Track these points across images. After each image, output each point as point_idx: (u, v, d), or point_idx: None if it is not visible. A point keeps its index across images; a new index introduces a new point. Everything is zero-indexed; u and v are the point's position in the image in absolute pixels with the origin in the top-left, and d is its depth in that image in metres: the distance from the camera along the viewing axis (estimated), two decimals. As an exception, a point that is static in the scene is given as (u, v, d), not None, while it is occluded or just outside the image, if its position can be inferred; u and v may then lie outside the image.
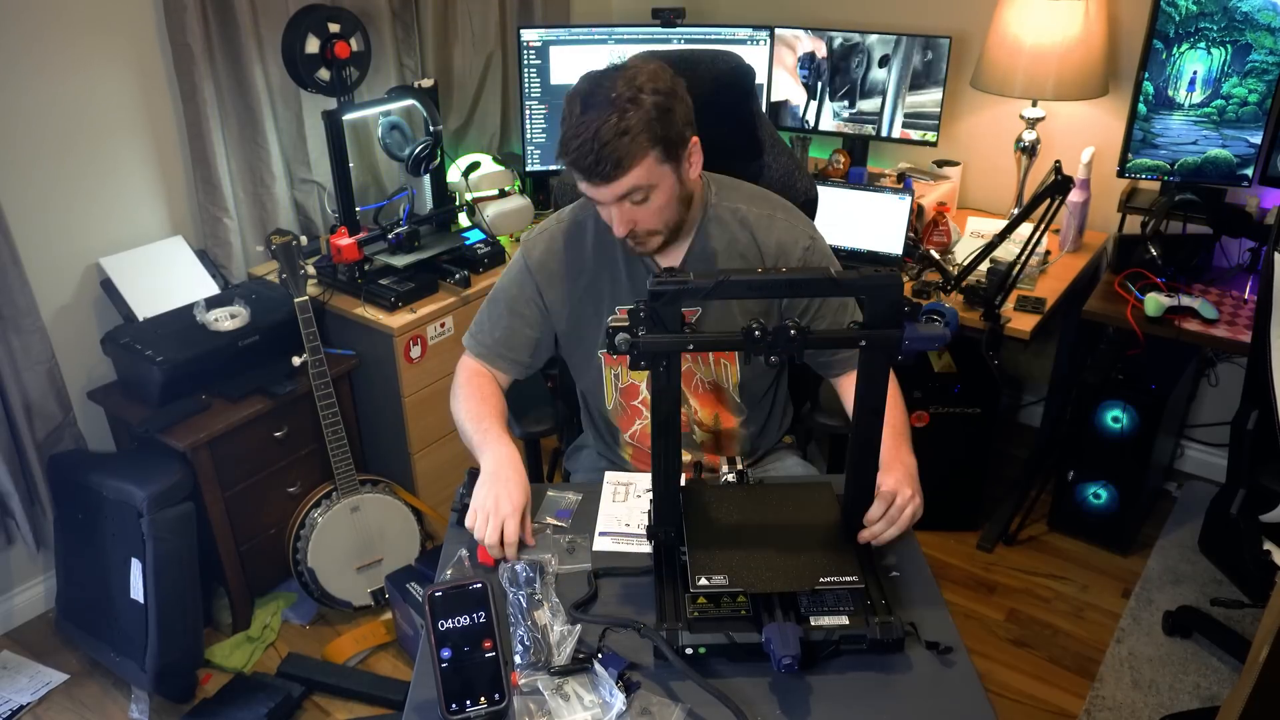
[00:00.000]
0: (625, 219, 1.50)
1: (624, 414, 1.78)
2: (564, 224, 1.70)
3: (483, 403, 1.67)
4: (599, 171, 1.43)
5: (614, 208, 1.49)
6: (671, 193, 1.51)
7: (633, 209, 1.49)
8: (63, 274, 2.43)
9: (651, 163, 1.44)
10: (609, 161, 1.41)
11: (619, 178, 1.43)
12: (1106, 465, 2.70)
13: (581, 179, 1.46)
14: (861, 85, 3.02)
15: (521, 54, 2.89)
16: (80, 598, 2.43)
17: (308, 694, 2.37)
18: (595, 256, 1.67)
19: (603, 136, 1.40)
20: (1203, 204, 2.57)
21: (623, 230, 1.51)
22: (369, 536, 2.56)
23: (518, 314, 1.72)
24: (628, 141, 1.41)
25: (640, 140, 1.42)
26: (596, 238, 1.67)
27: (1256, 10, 2.38)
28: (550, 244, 1.69)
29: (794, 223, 1.66)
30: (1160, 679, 2.39)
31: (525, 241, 1.72)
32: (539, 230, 1.72)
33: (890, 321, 1.24)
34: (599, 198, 1.48)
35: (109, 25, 2.35)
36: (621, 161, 1.42)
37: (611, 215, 1.51)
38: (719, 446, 1.79)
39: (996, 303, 2.47)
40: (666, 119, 1.44)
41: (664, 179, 1.48)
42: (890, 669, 1.27)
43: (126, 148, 2.46)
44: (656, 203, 1.49)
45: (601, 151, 1.40)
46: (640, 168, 1.44)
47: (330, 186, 2.71)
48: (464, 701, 1.22)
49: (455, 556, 1.48)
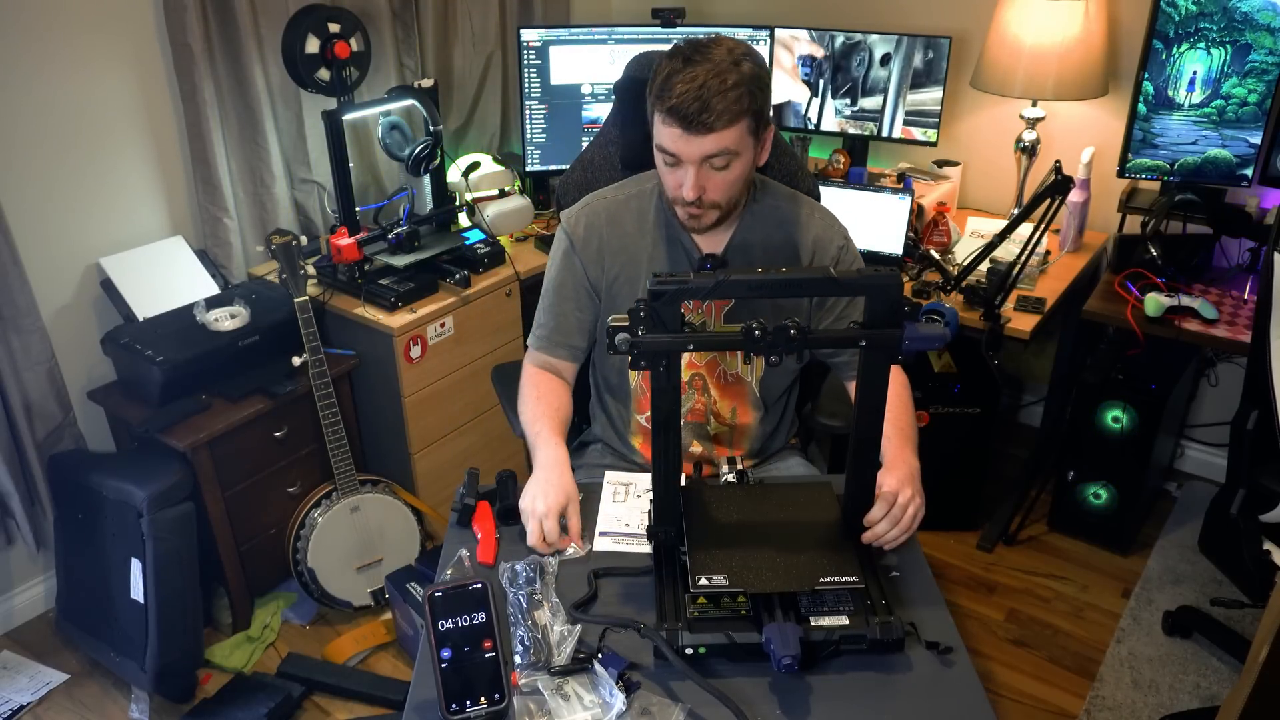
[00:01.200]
0: (699, 182, 1.51)
1: (644, 396, 1.78)
2: (605, 200, 1.71)
3: (538, 402, 1.69)
4: (702, 121, 1.44)
5: (693, 168, 1.50)
6: (747, 167, 1.54)
7: (710, 173, 1.51)
8: (63, 274, 2.43)
9: (744, 129, 1.48)
10: (713, 113, 1.43)
11: (719, 129, 1.45)
12: (1106, 465, 2.70)
13: (678, 127, 1.46)
14: (863, 84, 3.02)
15: (521, 54, 2.89)
16: (80, 598, 2.43)
17: (308, 694, 2.37)
18: (636, 236, 1.68)
19: (711, 88, 1.42)
20: (1203, 204, 2.57)
21: (694, 193, 1.51)
22: (369, 536, 2.56)
23: (566, 298, 1.72)
24: (734, 98, 1.44)
25: (743, 101, 1.45)
26: (639, 217, 1.68)
27: (1256, 10, 2.38)
28: (592, 220, 1.70)
29: (830, 222, 1.70)
30: (1160, 679, 2.39)
31: (566, 219, 1.72)
32: (580, 206, 1.73)
33: (890, 321, 1.24)
34: (687, 152, 1.49)
35: (109, 25, 2.35)
36: (724, 114, 1.44)
37: (687, 177, 1.51)
38: (732, 441, 1.80)
39: (996, 303, 2.47)
40: (762, 92, 1.49)
41: (746, 151, 1.51)
42: (890, 669, 1.27)
43: (126, 148, 2.46)
44: (733, 174, 1.52)
45: (709, 101, 1.43)
46: (736, 129, 1.47)
47: (330, 186, 2.71)
48: (464, 701, 1.22)
49: (455, 556, 1.48)
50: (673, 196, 1.57)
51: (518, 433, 1.88)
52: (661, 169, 1.57)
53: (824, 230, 1.68)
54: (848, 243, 1.70)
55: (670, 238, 1.68)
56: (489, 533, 1.52)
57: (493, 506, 1.56)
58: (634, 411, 1.81)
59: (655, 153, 1.55)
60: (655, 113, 1.49)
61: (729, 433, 1.79)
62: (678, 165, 1.52)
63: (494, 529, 1.53)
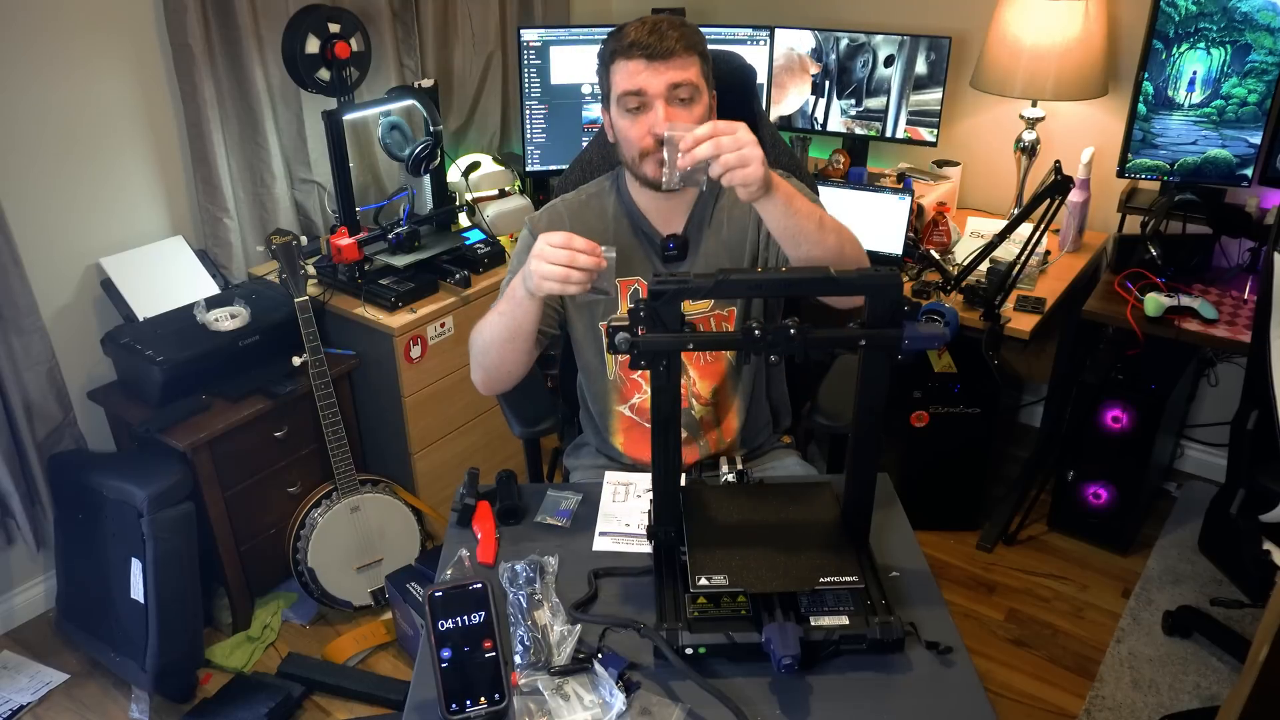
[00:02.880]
0: (669, 115, 1.53)
1: (625, 385, 1.78)
2: (568, 200, 1.76)
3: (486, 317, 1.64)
4: (662, 48, 1.51)
5: (661, 102, 1.53)
6: (705, 113, 1.58)
7: (678, 109, 1.54)
8: (63, 274, 2.43)
9: (699, 67, 1.55)
10: (670, 39, 1.51)
11: (680, 56, 1.52)
12: (1106, 465, 2.70)
13: (640, 58, 1.51)
14: (868, 84, 3.02)
15: (521, 54, 2.89)
16: (80, 598, 2.43)
17: (308, 694, 2.37)
18: (599, 229, 1.70)
19: (662, 25, 1.52)
20: (1202, 204, 2.57)
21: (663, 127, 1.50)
22: (369, 536, 2.56)
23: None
24: (687, 33, 1.53)
25: (693, 37, 1.54)
26: (600, 214, 1.70)
27: (1256, 10, 2.38)
28: (554, 217, 1.73)
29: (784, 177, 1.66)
30: (1160, 679, 2.39)
31: (531, 220, 1.75)
32: (545, 207, 1.78)
33: (890, 321, 1.24)
34: (653, 84, 1.52)
35: (109, 26, 2.35)
36: (681, 41, 1.52)
37: (657, 111, 1.53)
38: (716, 423, 1.79)
39: (996, 303, 2.47)
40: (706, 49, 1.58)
41: (705, 94, 1.57)
42: (890, 669, 1.27)
43: (127, 148, 2.46)
44: (696, 113, 1.56)
45: (665, 32, 1.51)
46: (693, 61, 1.54)
47: (330, 186, 2.71)
48: (464, 701, 1.22)
49: (455, 556, 1.48)
50: (641, 148, 1.57)
51: (517, 433, 1.89)
52: (625, 126, 1.57)
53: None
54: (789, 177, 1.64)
55: (632, 226, 1.70)
56: (489, 533, 1.52)
57: (493, 506, 1.56)
58: (613, 404, 1.80)
59: (617, 113, 1.58)
60: (614, 62, 1.55)
61: (712, 413, 1.78)
62: (643, 108, 1.55)
63: (494, 529, 1.53)
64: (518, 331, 1.58)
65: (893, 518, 1.55)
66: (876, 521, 1.42)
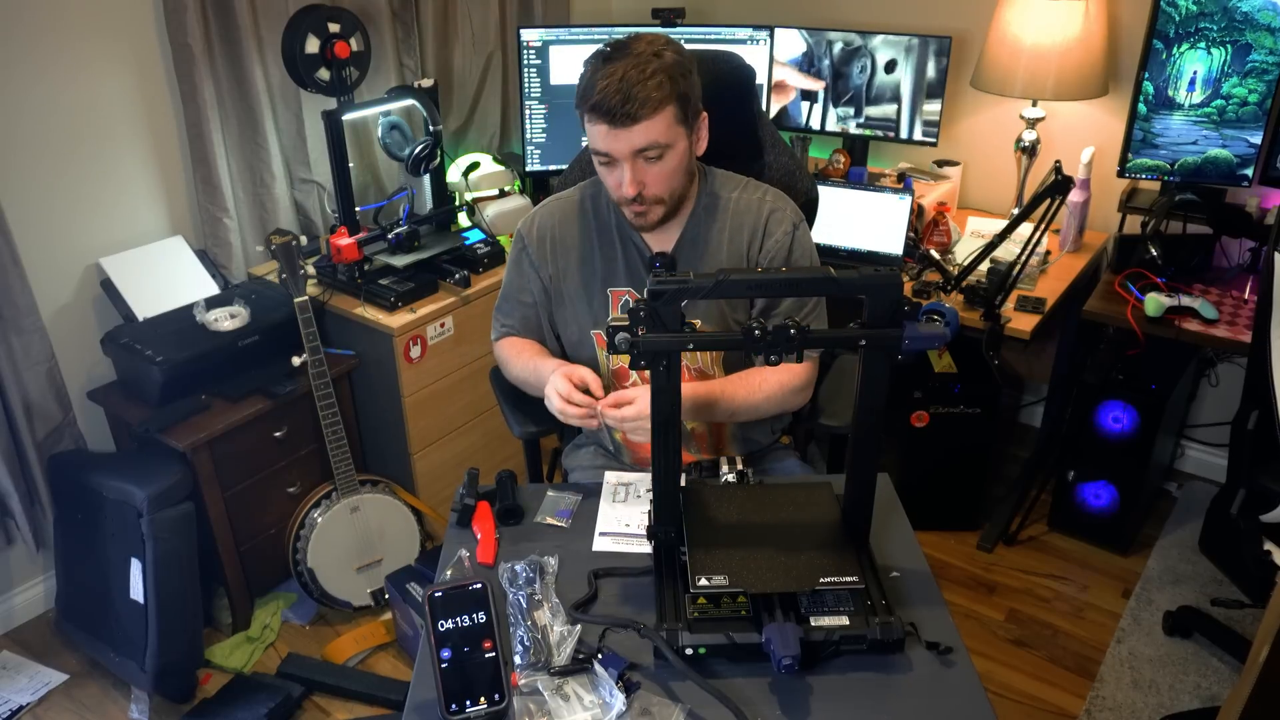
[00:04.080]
0: (637, 178, 1.52)
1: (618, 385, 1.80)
2: (559, 202, 1.76)
3: (518, 354, 1.77)
4: (625, 112, 1.46)
5: (627, 164, 1.51)
6: (682, 158, 1.55)
7: (645, 167, 1.52)
8: (63, 274, 2.43)
9: (670, 117, 1.49)
10: (635, 102, 1.45)
11: (644, 119, 1.47)
12: (1106, 465, 2.70)
13: (604, 123, 1.48)
14: (868, 92, 3.01)
15: (521, 54, 2.88)
16: (80, 598, 2.43)
17: (308, 694, 2.37)
18: (588, 236, 1.71)
19: (630, 79, 1.45)
20: (1203, 204, 2.57)
21: (633, 189, 1.53)
22: (369, 536, 2.56)
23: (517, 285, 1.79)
24: (654, 86, 1.46)
25: (665, 88, 1.47)
26: (593, 218, 1.70)
27: (1256, 10, 2.38)
28: (544, 220, 1.74)
29: (782, 207, 1.69)
30: (1160, 679, 2.39)
31: (522, 224, 1.77)
32: (537, 208, 1.78)
33: (890, 321, 1.24)
34: (617, 149, 1.50)
35: (109, 26, 2.35)
36: (647, 103, 1.46)
37: (623, 175, 1.53)
38: (711, 433, 1.79)
39: (996, 303, 2.47)
40: (686, 78, 1.50)
41: (678, 140, 1.52)
42: (890, 669, 1.27)
43: (127, 148, 2.46)
44: (669, 165, 1.53)
45: (630, 92, 1.44)
46: (662, 117, 1.48)
47: (330, 186, 2.71)
48: (464, 702, 1.22)
49: (455, 556, 1.48)
50: (615, 198, 1.60)
51: (517, 434, 1.89)
52: (600, 171, 1.59)
53: (776, 215, 1.67)
54: (801, 226, 1.69)
55: (622, 237, 1.70)
56: (489, 533, 1.52)
57: (493, 506, 1.56)
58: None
59: (591, 157, 1.57)
60: (583, 115, 1.52)
61: (706, 427, 1.79)
62: (612, 164, 1.54)
63: (494, 529, 1.53)
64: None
65: (893, 518, 1.55)
66: (876, 521, 1.42)
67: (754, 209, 1.68)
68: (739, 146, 1.84)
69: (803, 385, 1.73)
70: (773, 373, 1.70)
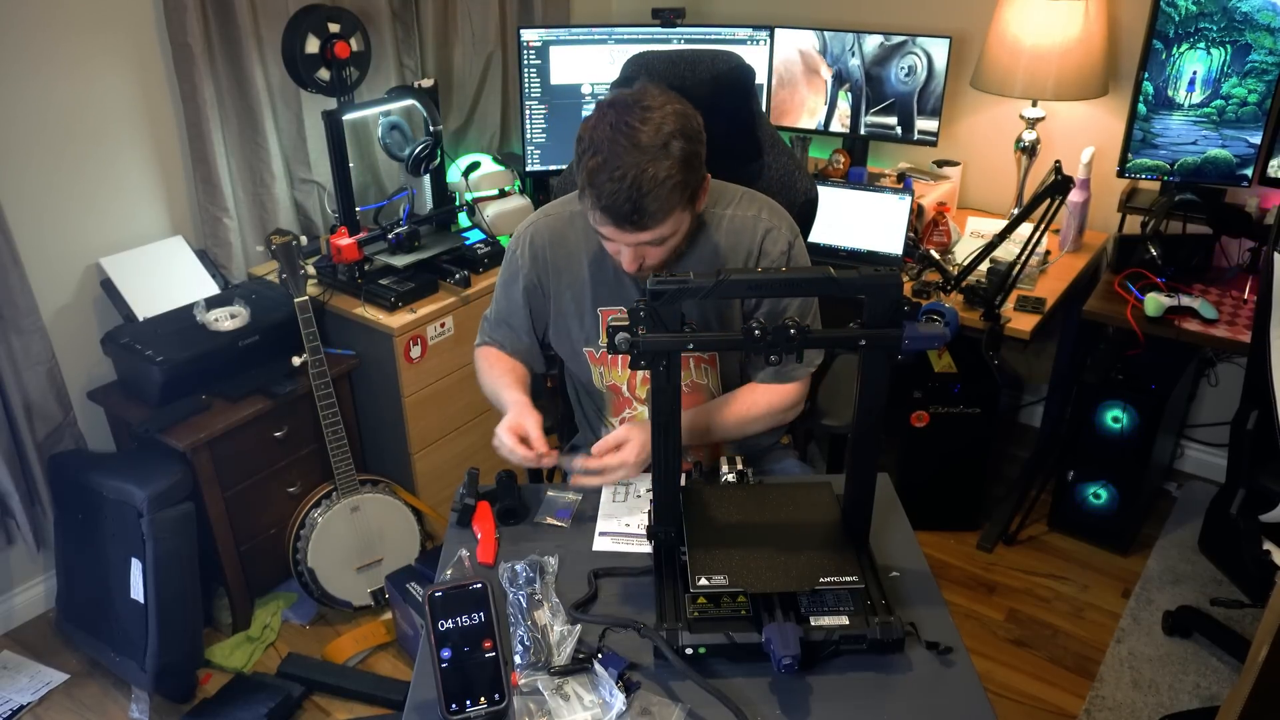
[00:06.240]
0: (637, 257, 1.53)
1: (615, 400, 1.82)
2: (549, 219, 1.74)
3: (490, 369, 1.77)
4: (633, 221, 1.44)
5: (629, 249, 1.52)
6: (685, 233, 1.55)
7: (649, 249, 1.52)
8: (63, 274, 2.43)
9: (678, 213, 1.48)
10: (644, 213, 1.43)
11: (650, 228, 1.46)
12: (1106, 465, 2.70)
13: (609, 224, 1.46)
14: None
15: (521, 54, 2.89)
16: (80, 598, 2.43)
17: (308, 694, 2.37)
18: (579, 256, 1.70)
19: (641, 186, 1.40)
20: (1203, 204, 2.57)
21: (633, 268, 1.55)
22: (369, 536, 2.56)
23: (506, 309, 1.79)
24: (664, 195, 1.43)
25: (674, 194, 1.44)
26: (583, 238, 1.69)
27: (1256, 10, 2.38)
28: (537, 233, 1.73)
29: (777, 225, 1.68)
30: (1160, 679, 2.39)
31: (515, 238, 1.77)
32: (525, 225, 1.76)
33: (890, 321, 1.24)
34: (621, 241, 1.50)
35: (109, 25, 2.35)
36: (656, 214, 1.44)
37: (624, 255, 1.53)
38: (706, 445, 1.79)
39: (996, 303, 2.47)
40: (693, 168, 1.47)
41: (683, 224, 1.53)
42: (890, 669, 1.27)
43: (126, 148, 2.46)
44: (672, 244, 1.54)
45: (640, 203, 1.41)
46: (670, 220, 1.47)
47: (330, 186, 2.71)
48: (464, 701, 1.22)
49: (455, 556, 1.48)
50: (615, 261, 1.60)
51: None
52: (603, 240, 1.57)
53: (772, 235, 1.66)
54: (796, 242, 1.69)
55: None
56: (489, 533, 1.52)
57: (493, 506, 1.56)
58: (608, 415, 1.83)
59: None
60: (585, 199, 1.47)
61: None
62: (614, 242, 1.53)
63: (494, 529, 1.53)
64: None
65: (893, 518, 1.55)
66: (876, 521, 1.42)
67: (749, 228, 1.66)
68: (738, 147, 1.84)
69: (793, 404, 1.75)
70: (763, 394, 1.72)
